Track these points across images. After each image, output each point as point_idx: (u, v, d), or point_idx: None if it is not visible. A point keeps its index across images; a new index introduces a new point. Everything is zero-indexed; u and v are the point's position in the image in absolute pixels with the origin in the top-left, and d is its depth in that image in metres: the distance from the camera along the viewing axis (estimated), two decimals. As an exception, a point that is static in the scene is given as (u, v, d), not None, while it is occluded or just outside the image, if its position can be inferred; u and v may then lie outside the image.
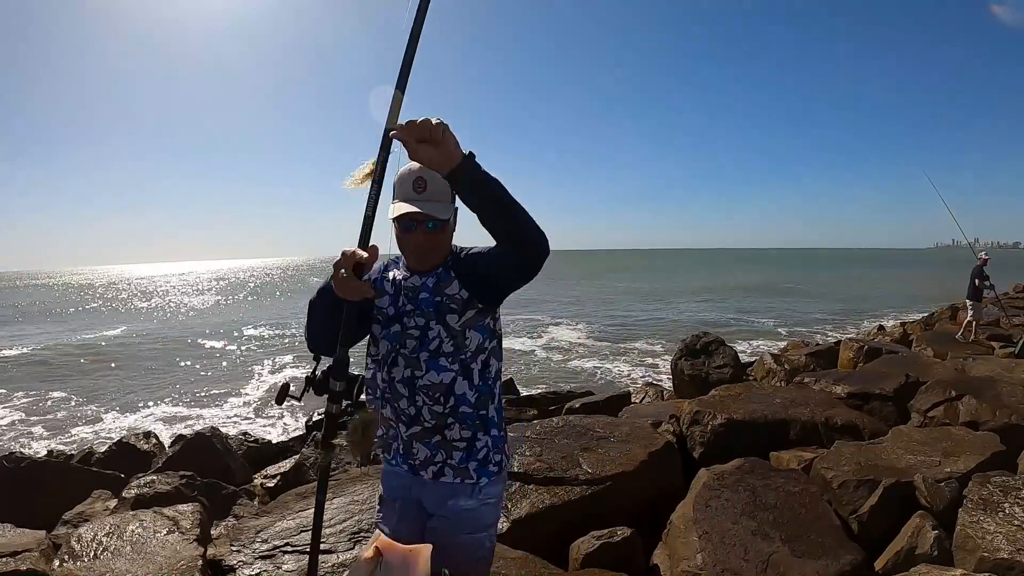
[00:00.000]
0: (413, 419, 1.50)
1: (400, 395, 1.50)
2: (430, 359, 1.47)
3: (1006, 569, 2.53)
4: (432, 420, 1.48)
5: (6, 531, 3.48)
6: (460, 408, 1.49)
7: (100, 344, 20.74)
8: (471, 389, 1.50)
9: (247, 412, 10.95)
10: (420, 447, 1.50)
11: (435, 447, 1.50)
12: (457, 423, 1.49)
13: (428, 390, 1.47)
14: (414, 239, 1.45)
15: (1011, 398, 4.62)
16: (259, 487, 5.12)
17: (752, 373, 8.57)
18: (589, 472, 3.36)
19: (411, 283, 1.52)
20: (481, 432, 1.52)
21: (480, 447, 1.52)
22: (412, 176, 1.43)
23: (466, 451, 1.50)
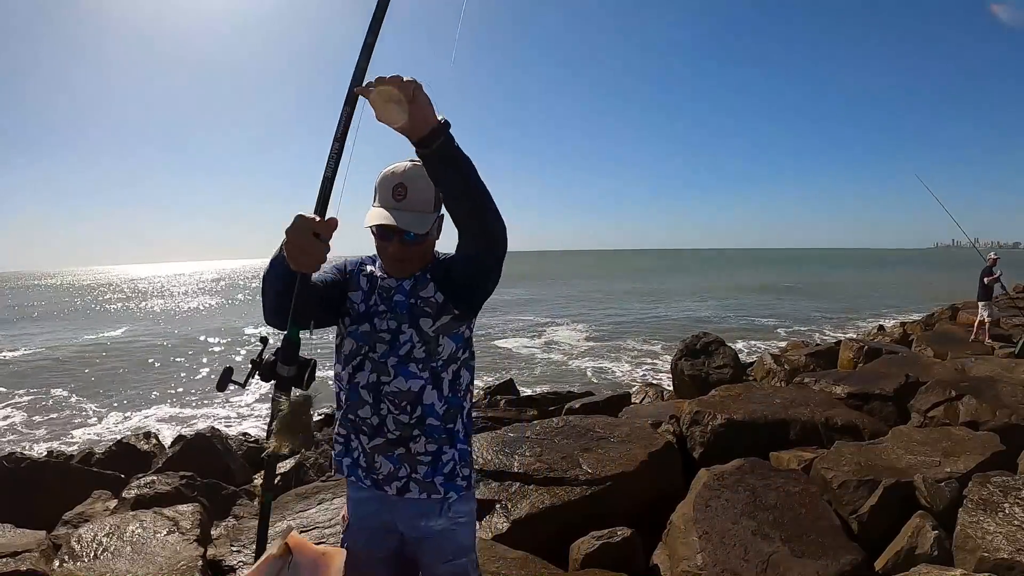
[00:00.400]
0: (376, 429, 1.39)
1: (363, 402, 1.39)
2: (399, 364, 1.37)
3: (1006, 569, 2.53)
4: (396, 431, 1.38)
5: (6, 531, 3.48)
6: (427, 419, 1.39)
7: (101, 345, 20.74)
8: (440, 400, 1.40)
9: (247, 412, 10.95)
10: (383, 460, 1.39)
11: (398, 460, 1.39)
12: (423, 436, 1.39)
13: (394, 398, 1.37)
14: (391, 249, 1.37)
15: (1011, 398, 4.62)
16: (259, 487, 5.11)
17: (752, 373, 8.58)
18: (589, 472, 3.36)
19: (387, 283, 1.43)
20: (447, 445, 1.42)
21: (447, 460, 1.42)
22: (393, 181, 1.33)
23: (431, 465, 1.40)
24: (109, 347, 20.09)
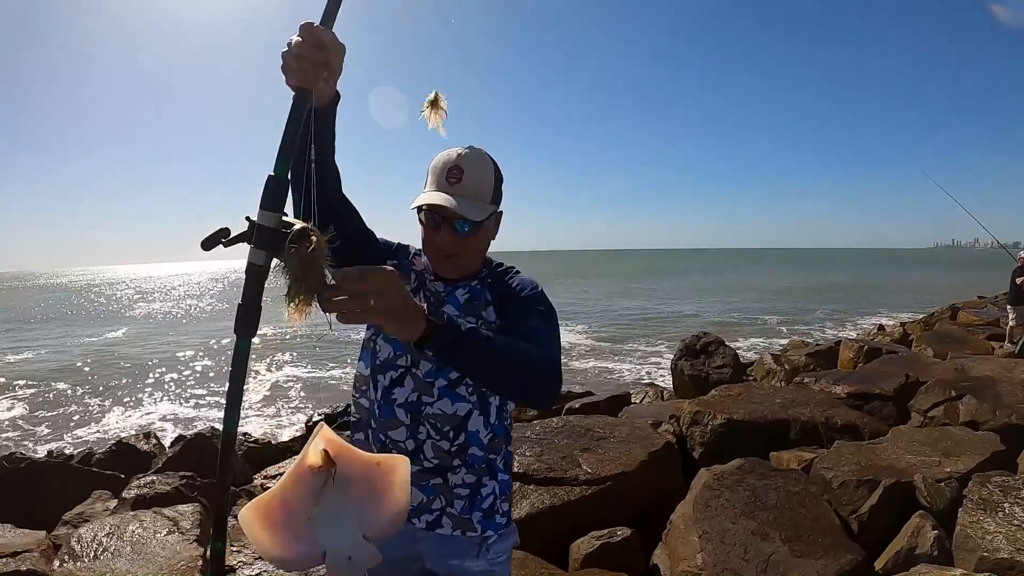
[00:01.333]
0: (410, 455, 1.21)
1: (398, 422, 1.23)
2: (447, 388, 1.22)
3: (1006, 569, 2.53)
4: (435, 459, 1.23)
5: (6, 531, 3.48)
6: (470, 448, 1.24)
7: (101, 345, 20.75)
8: (486, 428, 1.25)
9: (247, 412, 10.95)
10: (414, 490, 1.21)
11: (433, 491, 1.24)
12: (464, 466, 1.24)
13: (436, 421, 1.22)
14: (439, 239, 1.20)
15: (1011, 398, 4.62)
16: (259, 487, 5.11)
17: (752, 373, 8.58)
18: (589, 472, 3.36)
19: (435, 287, 1.27)
20: (488, 477, 1.28)
21: (486, 494, 1.28)
22: (448, 163, 1.19)
23: (469, 499, 1.26)
24: (109, 347, 20.10)
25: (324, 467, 0.81)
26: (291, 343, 18.53)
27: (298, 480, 0.82)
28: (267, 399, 11.75)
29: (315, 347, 16.57)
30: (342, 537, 0.83)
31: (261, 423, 10.10)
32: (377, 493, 0.85)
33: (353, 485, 0.84)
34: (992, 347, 8.80)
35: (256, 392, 12.55)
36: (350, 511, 0.84)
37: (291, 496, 0.82)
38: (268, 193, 0.93)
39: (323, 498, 0.82)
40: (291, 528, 0.82)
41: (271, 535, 0.81)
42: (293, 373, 14.00)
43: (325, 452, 0.82)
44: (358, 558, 0.84)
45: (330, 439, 0.83)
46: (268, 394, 12.16)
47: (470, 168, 1.19)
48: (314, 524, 0.82)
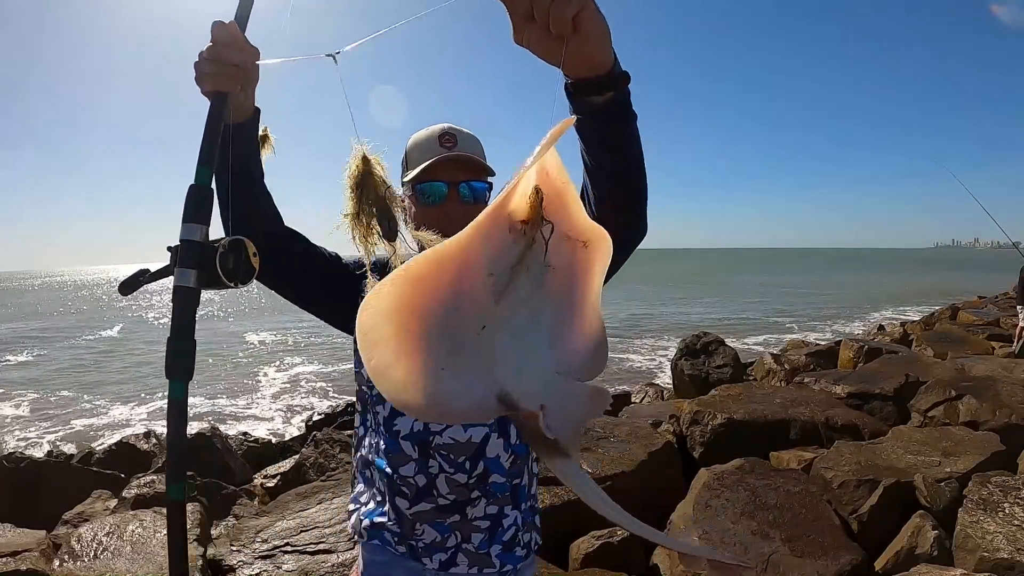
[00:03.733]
0: (421, 492, 1.06)
1: (404, 457, 1.07)
2: None
3: (1006, 569, 2.53)
4: (451, 494, 1.06)
5: (6, 531, 3.48)
6: (491, 477, 1.08)
7: (99, 344, 20.75)
8: (506, 451, 1.09)
9: (247, 412, 10.95)
10: (426, 528, 1.07)
11: (448, 529, 1.07)
12: (483, 497, 1.08)
13: (448, 451, 1.06)
14: (443, 213, 1.05)
15: (1011, 398, 4.62)
16: (259, 487, 5.12)
17: (752, 373, 8.57)
18: (589, 472, 3.36)
19: None
20: (510, 506, 1.12)
21: (508, 525, 1.11)
22: (436, 131, 1.10)
23: (488, 532, 1.09)
24: (107, 347, 20.10)
25: (532, 221, 0.46)
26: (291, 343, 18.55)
27: (485, 241, 0.46)
28: (267, 399, 11.76)
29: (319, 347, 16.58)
30: (532, 370, 0.49)
31: (262, 423, 10.10)
32: (576, 298, 0.51)
33: (552, 272, 0.49)
34: (992, 347, 8.80)
35: (257, 392, 12.56)
36: (543, 323, 0.49)
37: (469, 273, 0.46)
38: (191, 204, 0.83)
39: (514, 287, 0.46)
40: (450, 342, 0.46)
41: (411, 351, 0.45)
42: (295, 373, 14.00)
43: (538, 193, 0.45)
44: (560, 409, 0.48)
45: (549, 167, 0.46)
46: (268, 394, 12.17)
47: (460, 134, 1.11)
48: (490, 339, 0.47)
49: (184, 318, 0.82)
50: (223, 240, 0.83)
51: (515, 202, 0.46)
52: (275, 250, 0.99)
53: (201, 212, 0.83)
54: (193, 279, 0.80)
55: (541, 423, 0.48)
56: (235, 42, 0.87)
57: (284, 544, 2.79)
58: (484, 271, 0.46)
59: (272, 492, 4.85)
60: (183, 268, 0.79)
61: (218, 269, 0.81)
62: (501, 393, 0.48)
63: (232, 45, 0.87)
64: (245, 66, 0.89)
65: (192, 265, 0.79)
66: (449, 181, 1.07)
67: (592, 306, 0.52)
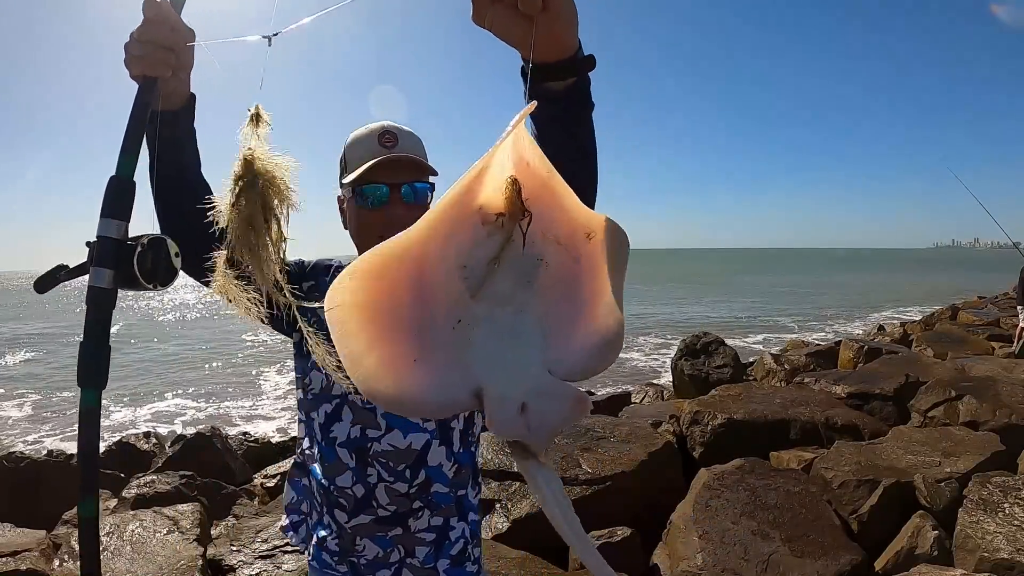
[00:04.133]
0: (360, 504, 1.01)
1: (341, 465, 1.01)
2: (392, 413, 0.98)
3: (1006, 569, 2.53)
4: (391, 506, 1.01)
5: (6, 531, 3.48)
6: (432, 487, 1.02)
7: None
8: (449, 459, 1.03)
9: (247, 412, 10.95)
10: (367, 543, 1.02)
11: (390, 543, 1.02)
12: (426, 508, 1.02)
13: (387, 459, 1.00)
14: (388, 214, 1.00)
15: (1011, 398, 4.62)
16: (259, 487, 5.12)
17: (752, 373, 8.58)
18: (589, 472, 3.36)
19: None
20: (456, 518, 1.06)
21: (455, 538, 1.06)
22: (375, 131, 1.03)
23: (434, 545, 1.04)
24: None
25: (509, 213, 0.43)
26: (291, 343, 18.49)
27: (451, 234, 0.44)
28: (267, 399, 11.76)
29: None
30: (515, 368, 0.46)
31: (262, 423, 10.10)
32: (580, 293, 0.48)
33: (546, 267, 0.47)
34: (992, 347, 8.80)
35: (256, 392, 12.57)
36: (531, 320, 0.47)
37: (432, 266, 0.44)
38: (110, 197, 0.75)
39: (492, 283, 0.44)
40: (422, 335, 0.45)
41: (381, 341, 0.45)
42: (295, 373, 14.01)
43: (514, 184, 0.43)
44: (539, 410, 0.47)
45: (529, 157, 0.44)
46: (268, 394, 12.17)
47: (401, 132, 1.04)
48: (466, 334, 0.45)
49: (98, 321, 0.75)
50: (142, 238, 0.76)
51: (487, 193, 0.44)
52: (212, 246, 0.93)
53: (120, 207, 0.75)
54: (108, 279, 0.73)
55: (496, 426, 0.47)
56: (166, 22, 0.79)
57: (284, 544, 2.79)
58: (453, 264, 0.45)
59: (272, 492, 4.85)
60: (98, 267, 0.72)
61: (135, 269, 0.75)
62: (476, 389, 0.46)
63: (163, 25, 0.79)
64: (176, 48, 0.81)
65: (108, 264, 0.73)
66: (390, 183, 1.00)
67: (598, 300, 0.49)
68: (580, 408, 0.49)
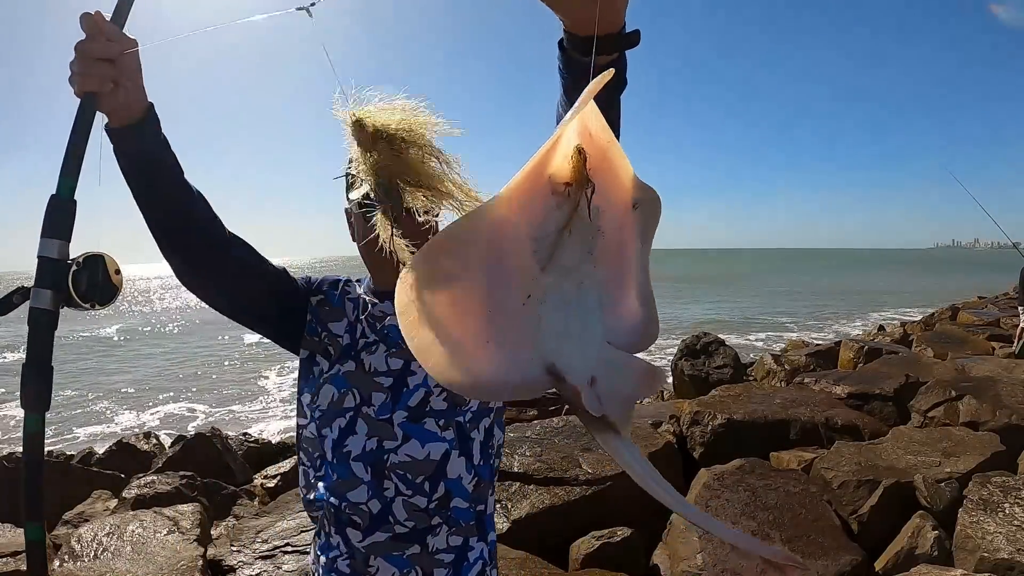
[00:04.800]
0: (375, 520, 0.96)
1: (355, 480, 0.96)
2: (410, 422, 0.97)
3: (1006, 569, 2.53)
4: (409, 521, 0.97)
5: (6, 531, 3.48)
6: (452, 501, 0.99)
7: (96, 345, 20.75)
8: (469, 472, 1.00)
9: (247, 412, 10.96)
10: (381, 563, 0.97)
11: (408, 563, 0.97)
12: (445, 525, 0.99)
13: (406, 471, 0.96)
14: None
15: (1011, 398, 4.62)
16: (259, 487, 5.12)
17: (752, 373, 8.58)
18: (589, 472, 3.36)
19: (378, 310, 1.03)
20: (475, 537, 1.02)
21: (474, 559, 1.02)
22: None
23: (453, 566, 0.99)
24: (104, 347, 20.10)
25: (576, 183, 0.43)
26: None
27: (525, 207, 0.43)
28: (267, 399, 11.76)
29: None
30: (582, 341, 0.46)
31: (262, 423, 10.11)
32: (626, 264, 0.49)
33: (602, 238, 0.47)
34: (992, 347, 8.80)
35: (256, 392, 12.57)
36: (592, 292, 0.47)
37: (506, 241, 0.43)
38: (49, 217, 0.76)
39: (560, 255, 0.44)
40: (494, 314, 0.44)
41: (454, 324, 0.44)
42: (294, 373, 14.00)
43: (580, 153, 0.43)
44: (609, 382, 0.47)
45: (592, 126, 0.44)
46: (268, 394, 12.17)
47: None
48: (535, 310, 0.45)
49: (40, 343, 0.75)
50: (77, 258, 0.77)
51: (556, 164, 0.44)
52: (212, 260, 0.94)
53: (59, 226, 0.76)
54: (48, 300, 0.74)
55: (584, 400, 0.46)
56: (101, 34, 0.78)
57: (284, 544, 2.79)
58: (527, 237, 0.44)
59: (272, 492, 4.85)
60: (38, 288, 0.73)
61: (71, 290, 0.76)
62: (549, 365, 0.46)
63: (98, 38, 0.78)
64: (114, 59, 0.79)
65: (47, 285, 0.74)
66: None
67: (642, 272, 0.50)
68: (653, 380, 0.51)
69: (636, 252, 0.50)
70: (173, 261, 0.92)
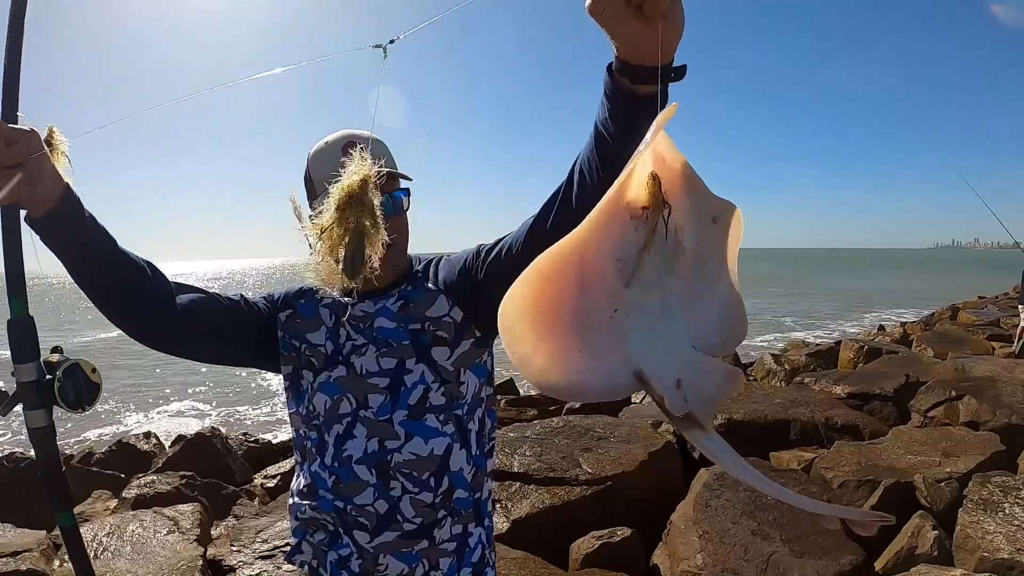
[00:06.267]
0: (384, 520, 0.97)
1: (360, 484, 0.97)
2: (411, 420, 0.97)
3: (1006, 569, 2.53)
4: (417, 518, 0.98)
5: (6, 531, 3.48)
6: (456, 493, 1.00)
7: (95, 346, 20.75)
8: (468, 463, 1.02)
9: (247, 412, 10.96)
10: (391, 560, 0.98)
11: (416, 558, 0.98)
12: (449, 517, 1.00)
13: (411, 469, 0.97)
14: None
15: (1011, 398, 4.62)
16: (259, 487, 5.12)
17: (752, 373, 8.57)
18: (589, 472, 3.36)
19: (360, 309, 1.01)
20: (474, 523, 1.04)
21: (474, 544, 1.04)
22: (339, 143, 0.99)
23: (456, 554, 1.02)
24: (104, 348, 20.11)
25: (653, 206, 0.47)
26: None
27: (606, 232, 0.48)
28: (268, 399, 11.76)
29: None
30: (666, 348, 0.52)
31: (262, 423, 10.11)
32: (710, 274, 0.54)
33: (684, 252, 0.52)
34: (992, 347, 8.80)
35: (256, 392, 12.57)
36: (675, 302, 0.52)
37: (592, 263, 0.49)
38: (15, 344, 0.81)
39: (641, 271, 0.49)
40: (585, 327, 0.51)
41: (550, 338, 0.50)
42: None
43: (655, 180, 0.47)
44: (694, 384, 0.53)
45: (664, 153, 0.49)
46: (268, 394, 12.17)
47: (367, 141, 0.96)
48: (622, 321, 0.51)
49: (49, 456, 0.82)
50: (57, 373, 0.82)
51: (633, 191, 0.49)
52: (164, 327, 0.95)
53: (28, 348, 0.82)
54: (43, 418, 0.81)
55: (667, 403, 0.52)
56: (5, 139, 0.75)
57: (284, 544, 2.79)
58: (609, 259, 0.50)
59: (272, 492, 4.85)
60: (31, 411, 0.80)
61: (61, 404, 0.83)
62: (637, 370, 0.52)
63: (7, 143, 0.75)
64: (22, 161, 0.76)
65: (38, 405, 0.80)
66: None
67: (727, 279, 0.55)
68: (734, 381, 0.56)
69: (719, 261, 0.55)
70: (127, 331, 0.93)
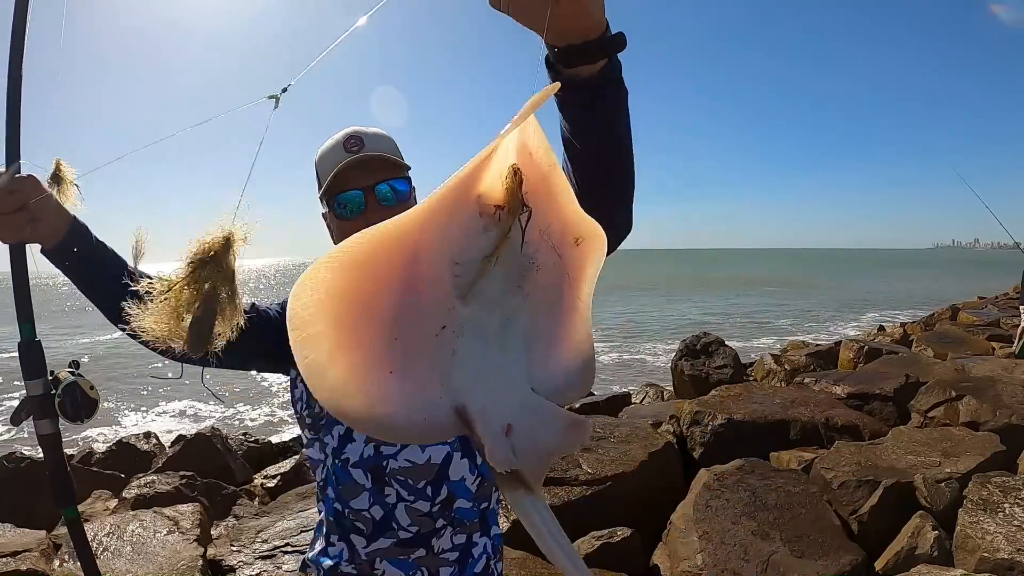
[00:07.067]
0: (379, 527, 0.96)
1: (357, 487, 0.96)
2: None
3: (1006, 569, 2.53)
4: (413, 526, 0.96)
5: (6, 531, 3.48)
6: (456, 503, 0.98)
7: (95, 346, 20.75)
8: (472, 472, 0.98)
9: (247, 412, 10.96)
10: (387, 567, 0.97)
11: (413, 566, 0.97)
12: (449, 526, 0.98)
13: (407, 476, 0.95)
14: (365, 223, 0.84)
15: (1011, 398, 4.62)
16: (259, 487, 5.12)
17: (752, 373, 8.57)
18: (589, 472, 3.36)
19: None
20: (479, 533, 1.02)
21: (478, 555, 1.02)
22: (341, 138, 0.99)
23: (459, 563, 0.99)
24: (104, 348, 20.10)
25: (509, 206, 0.38)
26: (291, 343, 18.49)
27: (446, 224, 0.37)
28: (268, 399, 11.76)
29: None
30: (500, 384, 0.40)
31: (262, 423, 10.11)
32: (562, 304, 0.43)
33: (536, 272, 0.41)
34: (992, 347, 8.80)
35: (257, 392, 12.57)
36: (517, 330, 0.41)
37: (422, 260, 0.38)
38: (27, 362, 0.96)
39: (483, 284, 0.38)
40: (401, 342, 0.38)
41: (354, 346, 0.37)
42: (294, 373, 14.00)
43: (516, 174, 0.37)
44: (528, 432, 0.41)
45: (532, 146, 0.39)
46: (268, 394, 12.17)
47: (367, 135, 0.98)
48: (449, 343, 0.39)
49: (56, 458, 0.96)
50: (57, 390, 0.94)
51: (487, 182, 0.38)
52: None
53: (36, 366, 0.96)
54: (50, 426, 0.95)
55: (488, 453, 0.40)
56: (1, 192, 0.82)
57: (284, 544, 2.79)
58: (446, 260, 0.38)
59: (272, 492, 4.85)
60: (39, 420, 0.94)
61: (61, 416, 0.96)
62: (459, 406, 0.39)
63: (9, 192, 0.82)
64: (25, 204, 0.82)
65: (44, 416, 0.94)
66: (363, 186, 0.96)
67: (581, 315, 0.44)
68: (577, 435, 0.44)
69: (575, 291, 0.43)
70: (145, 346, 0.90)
